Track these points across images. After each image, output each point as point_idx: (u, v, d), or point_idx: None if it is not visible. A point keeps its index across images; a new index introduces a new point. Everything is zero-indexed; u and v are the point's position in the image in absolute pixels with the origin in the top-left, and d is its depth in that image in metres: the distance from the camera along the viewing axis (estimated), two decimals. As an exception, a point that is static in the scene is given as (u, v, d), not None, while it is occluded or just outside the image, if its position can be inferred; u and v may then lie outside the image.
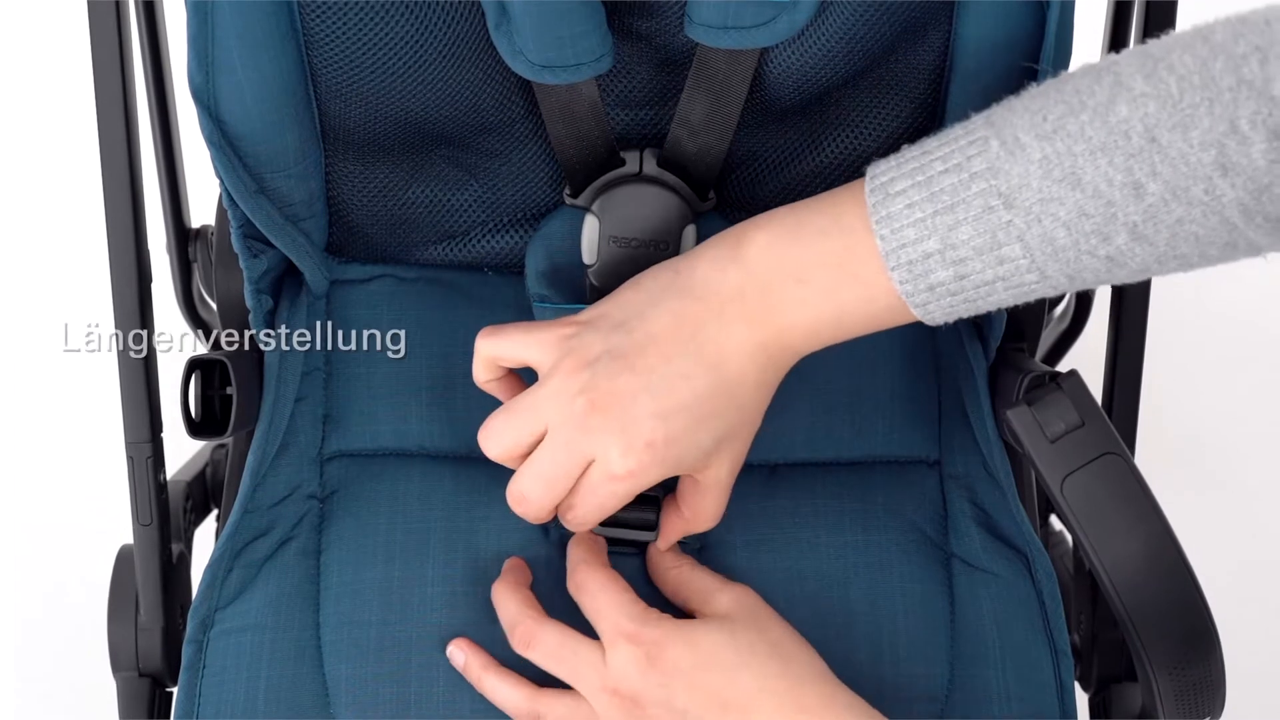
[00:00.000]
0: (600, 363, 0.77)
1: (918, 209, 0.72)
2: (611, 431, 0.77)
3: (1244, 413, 1.64)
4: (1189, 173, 0.68)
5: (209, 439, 0.91)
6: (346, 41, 0.81)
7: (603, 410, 0.77)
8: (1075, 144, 0.69)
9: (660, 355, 0.77)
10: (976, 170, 0.71)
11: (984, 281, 0.73)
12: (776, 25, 0.79)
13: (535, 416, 0.79)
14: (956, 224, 0.72)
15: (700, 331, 0.77)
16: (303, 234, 0.90)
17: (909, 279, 0.73)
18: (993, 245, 0.71)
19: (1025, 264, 0.72)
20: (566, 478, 0.79)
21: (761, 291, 0.76)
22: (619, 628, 0.80)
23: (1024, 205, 0.70)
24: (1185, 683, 0.81)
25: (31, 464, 1.60)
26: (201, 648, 0.87)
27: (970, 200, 0.71)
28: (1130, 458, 0.82)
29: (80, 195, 1.34)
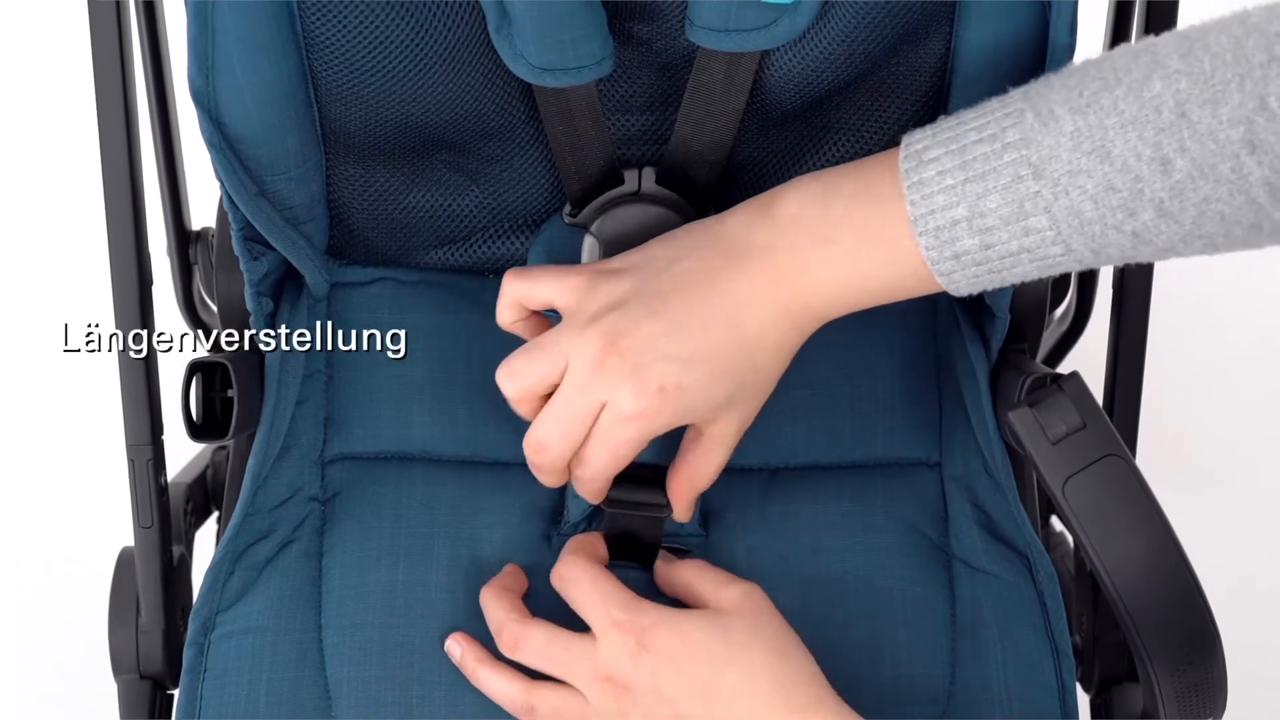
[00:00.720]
0: (624, 307, 0.78)
1: (949, 176, 0.73)
2: (625, 374, 0.77)
3: (1245, 415, 1.64)
4: (1217, 150, 0.68)
5: (210, 441, 0.91)
6: (347, 44, 0.81)
7: (620, 352, 0.77)
8: (1107, 117, 0.70)
9: (683, 303, 0.77)
10: (1010, 140, 0.72)
11: (1009, 252, 0.73)
12: (777, 28, 0.79)
13: (556, 355, 0.79)
14: (985, 192, 0.72)
15: (725, 285, 0.77)
16: (303, 237, 0.90)
17: (935, 245, 0.74)
18: (1019, 215, 0.72)
19: (1051, 235, 0.72)
20: (581, 423, 0.79)
21: (789, 250, 0.77)
22: (609, 616, 0.80)
23: (1052, 176, 0.71)
24: (1187, 684, 0.81)
25: (32, 466, 1.60)
26: (203, 650, 0.87)
27: (1001, 170, 0.72)
28: (1132, 459, 0.82)
29: (81, 197, 1.33)
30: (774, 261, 0.77)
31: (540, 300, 0.82)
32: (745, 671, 0.79)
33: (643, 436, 0.79)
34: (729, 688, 0.78)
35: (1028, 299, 0.92)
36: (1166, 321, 1.13)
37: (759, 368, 0.79)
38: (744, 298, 0.77)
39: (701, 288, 0.77)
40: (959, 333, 0.92)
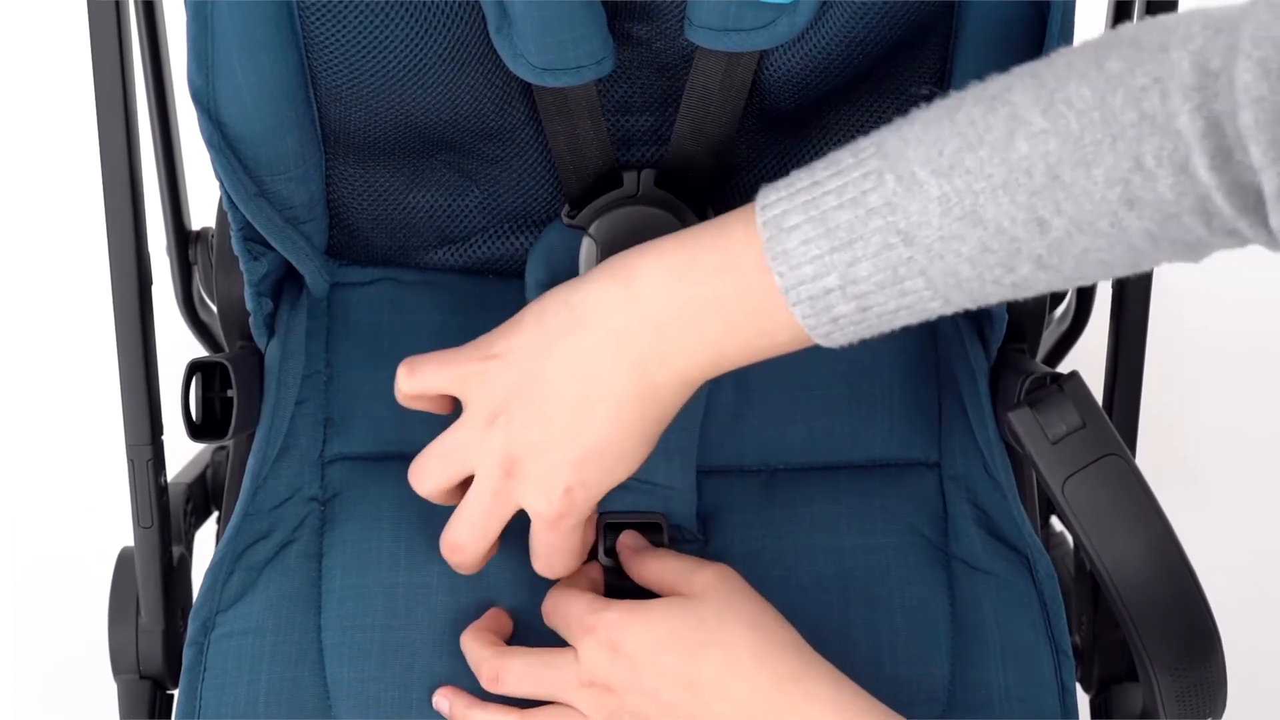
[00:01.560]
0: (513, 413, 0.78)
1: (814, 245, 0.71)
2: (531, 484, 0.78)
3: (1245, 414, 1.64)
4: (1094, 209, 0.66)
5: (210, 441, 0.91)
6: (347, 44, 0.81)
7: (519, 463, 0.78)
8: (975, 181, 0.68)
9: (561, 404, 0.77)
10: (873, 206, 0.70)
11: (887, 311, 0.72)
12: (776, 28, 0.79)
13: (460, 460, 0.80)
14: (855, 260, 0.70)
15: (599, 376, 0.76)
16: (303, 237, 0.90)
17: (811, 314, 0.72)
18: (894, 280, 0.70)
19: (928, 294, 0.71)
20: (498, 522, 0.81)
21: (656, 333, 0.75)
22: (580, 624, 0.81)
23: (924, 242, 0.69)
24: (1187, 683, 0.81)
25: (32, 466, 1.60)
26: (202, 650, 0.87)
27: (868, 237, 0.70)
28: (1131, 459, 0.82)
29: (80, 197, 1.33)
30: (643, 348, 0.76)
31: (435, 390, 0.82)
32: (724, 652, 0.78)
33: (572, 528, 0.80)
34: (709, 671, 0.78)
35: (1027, 299, 0.92)
36: (1166, 321, 1.13)
37: (649, 438, 0.78)
38: (621, 389, 0.76)
39: (577, 382, 0.77)
40: (958, 333, 0.92)
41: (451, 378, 0.81)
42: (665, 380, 0.76)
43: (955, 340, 0.92)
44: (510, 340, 0.80)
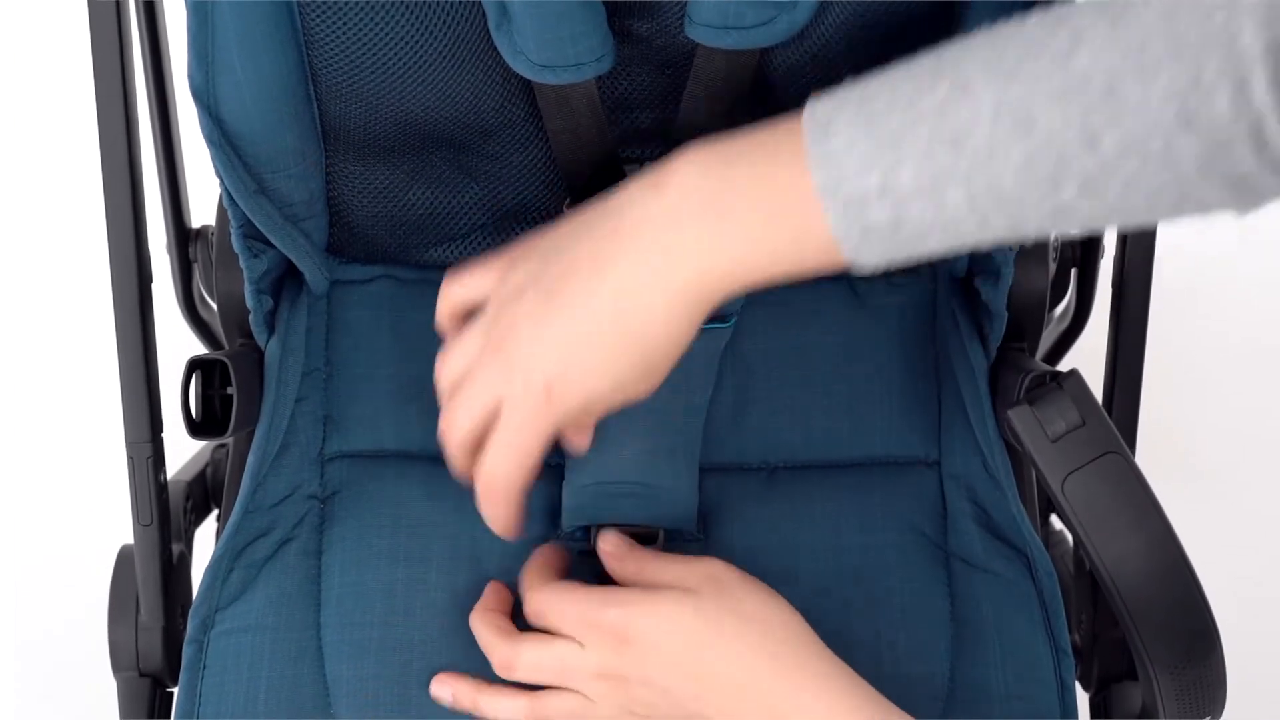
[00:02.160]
0: (519, 298, 0.76)
1: (858, 147, 0.69)
2: (512, 373, 0.75)
3: (1245, 413, 1.64)
4: (1148, 127, 0.65)
5: (209, 439, 0.91)
6: (347, 41, 0.81)
7: (504, 349, 0.75)
8: (1031, 90, 0.66)
9: (567, 294, 0.74)
10: (924, 111, 0.68)
11: (922, 226, 0.69)
12: (776, 26, 0.79)
13: (465, 350, 0.78)
14: (898, 164, 0.68)
15: (612, 270, 0.73)
16: (303, 234, 0.90)
17: (844, 219, 0.69)
18: (935, 188, 0.68)
19: (966, 209, 0.68)
20: (480, 414, 0.77)
21: (680, 227, 0.72)
22: (583, 619, 0.80)
23: (971, 149, 0.67)
24: (1186, 682, 0.81)
25: (31, 464, 1.60)
26: (202, 648, 0.87)
27: (915, 142, 0.68)
28: (1131, 457, 0.82)
29: (80, 195, 1.33)
30: (663, 242, 0.72)
31: (477, 298, 0.81)
32: (730, 648, 0.78)
33: (544, 436, 0.77)
34: (715, 663, 0.78)
35: (1027, 297, 0.92)
36: (1166, 319, 1.13)
37: (647, 354, 0.75)
38: (630, 284, 0.73)
39: (591, 275, 0.73)
40: (958, 331, 0.92)
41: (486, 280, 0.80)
42: (682, 283, 0.73)
43: (955, 338, 0.92)
44: (543, 238, 0.78)
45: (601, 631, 0.80)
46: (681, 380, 0.86)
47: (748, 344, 0.93)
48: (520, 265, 0.77)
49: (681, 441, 0.88)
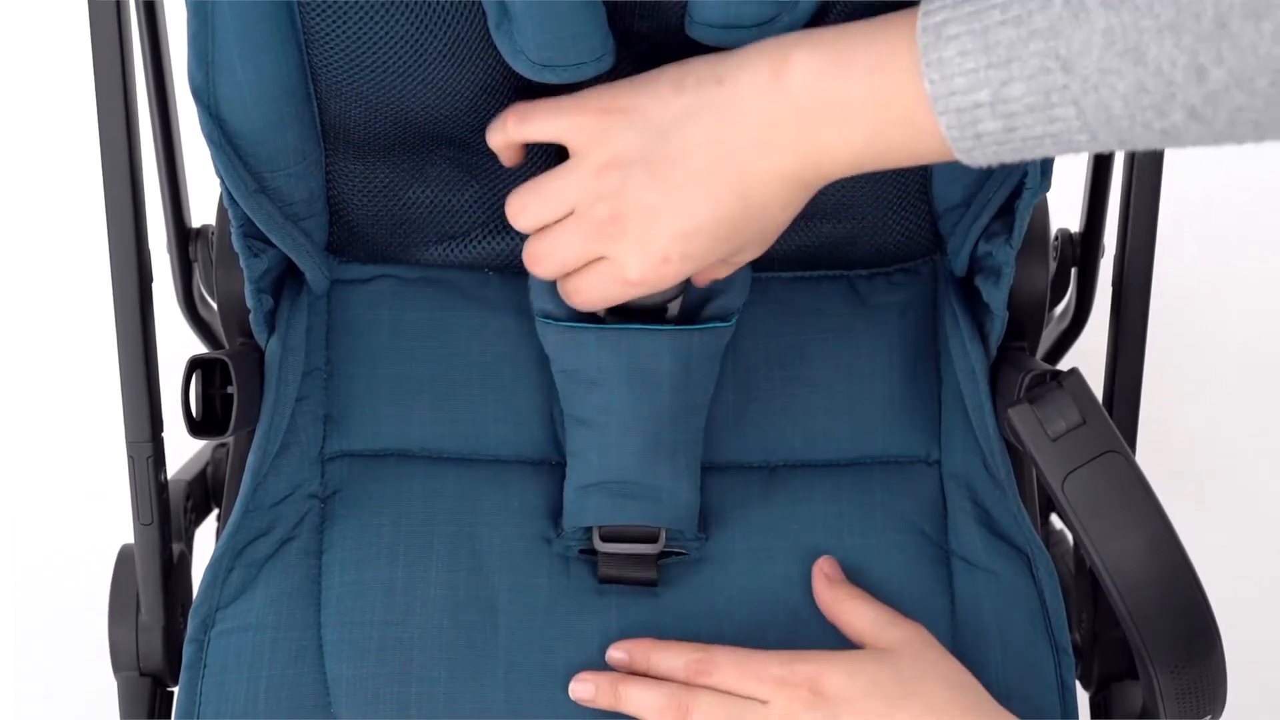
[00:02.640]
0: (632, 169, 0.78)
1: (971, 59, 0.71)
2: (630, 243, 0.78)
3: (1245, 412, 1.64)
4: (1257, 64, 0.66)
5: (210, 438, 0.91)
6: (347, 40, 0.81)
7: (624, 221, 0.78)
8: (1143, 18, 0.67)
9: (689, 174, 0.77)
10: (1037, 28, 0.69)
11: (1033, 136, 0.71)
12: (777, 24, 0.79)
13: (563, 202, 0.80)
14: (1010, 80, 0.70)
15: (735, 157, 0.76)
16: (303, 233, 0.90)
17: (956, 125, 0.72)
18: (1045, 105, 0.70)
19: (1077, 125, 0.70)
20: (579, 261, 0.81)
21: (803, 125, 0.75)
22: (770, 676, 0.81)
23: (1082, 72, 0.69)
24: (1186, 681, 0.81)
25: (32, 464, 1.60)
26: (202, 647, 0.87)
27: (1027, 59, 0.69)
28: (1131, 456, 0.82)
29: (80, 195, 1.34)
30: (787, 137, 0.75)
31: (547, 138, 0.82)
32: (923, 705, 0.79)
33: (638, 294, 0.81)
34: (905, 717, 0.79)
35: (1027, 296, 0.92)
36: (1166, 318, 1.13)
37: (765, 226, 0.79)
38: (754, 173, 0.76)
39: (710, 160, 0.76)
40: (958, 330, 0.92)
41: (565, 126, 0.81)
42: (801, 170, 0.76)
43: (955, 337, 0.92)
44: (639, 98, 0.79)
45: (792, 686, 0.80)
46: (683, 380, 0.86)
47: (748, 343, 0.93)
48: (621, 126, 0.79)
49: (683, 441, 0.88)
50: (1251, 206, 1.70)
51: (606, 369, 0.86)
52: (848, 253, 0.94)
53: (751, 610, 0.88)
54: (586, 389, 0.87)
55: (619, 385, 0.86)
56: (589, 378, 0.87)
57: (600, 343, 0.86)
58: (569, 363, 0.87)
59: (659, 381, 0.86)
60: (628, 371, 0.86)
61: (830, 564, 0.88)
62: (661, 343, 0.85)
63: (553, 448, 0.92)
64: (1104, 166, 0.97)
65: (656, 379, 0.86)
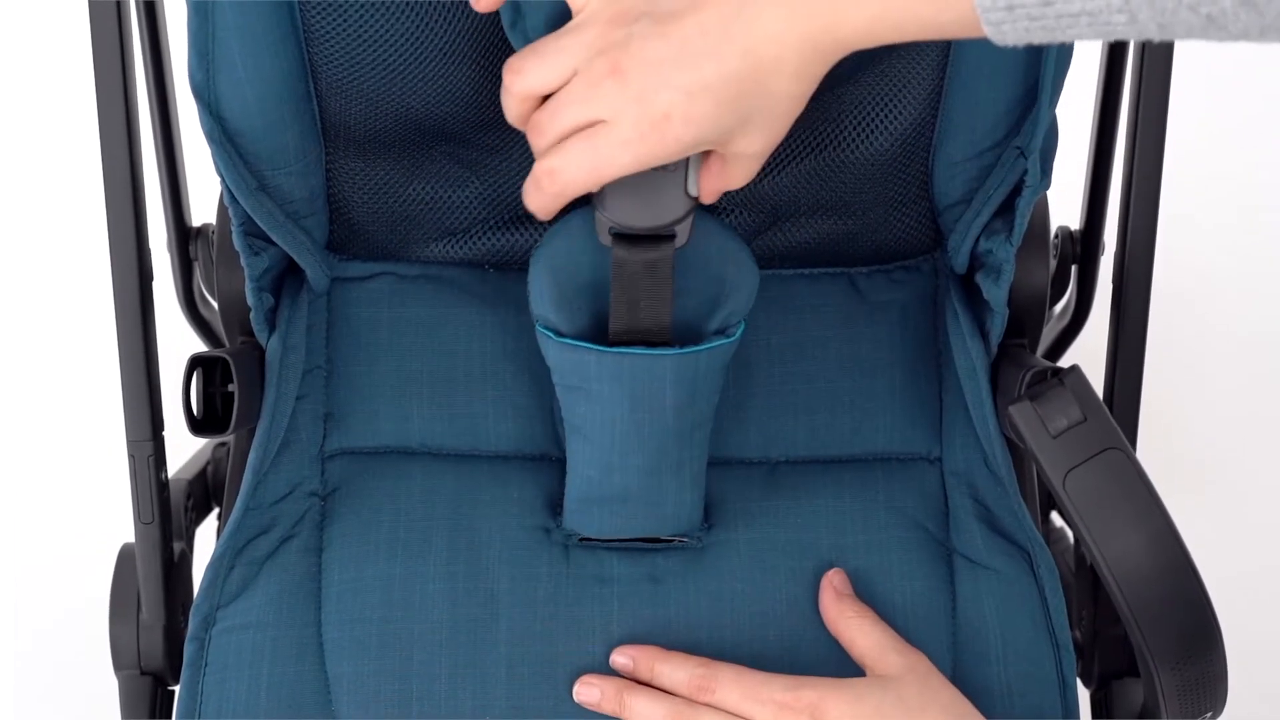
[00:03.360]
0: (638, 23, 0.73)
1: None
2: (628, 98, 0.73)
3: (1246, 409, 1.64)
4: None
5: (210, 437, 0.91)
6: (347, 38, 0.81)
7: (626, 73, 0.73)
8: None
9: (698, 27, 0.72)
10: None
11: (1069, 12, 0.67)
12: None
13: (563, 62, 0.74)
14: None
15: (745, 11, 0.71)
16: (304, 231, 0.90)
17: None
18: None
19: (1117, 2, 0.66)
20: (572, 128, 0.75)
21: None
22: (772, 700, 0.80)
23: None
24: (1187, 679, 0.81)
25: (32, 463, 1.60)
26: (203, 645, 0.87)
27: None
28: (1133, 453, 0.82)
29: (80, 194, 1.34)
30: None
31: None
32: None
33: (636, 164, 0.75)
34: None
35: (1028, 293, 0.92)
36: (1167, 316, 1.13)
37: (775, 94, 0.73)
38: (764, 28, 0.71)
39: (721, 14, 0.71)
40: (959, 327, 0.92)
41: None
42: (815, 33, 0.71)
43: (956, 335, 0.92)
44: None
45: (795, 711, 0.80)
46: (688, 402, 0.85)
47: (749, 339, 0.93)
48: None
49: (688, 458, 0.87)
50: (1252, 203, 1.70)
51: (609, 392, 0.84)
52: (848, 249, 0.94)
53: (753, 602, 0.88)
54: (588, 405, 0.85)
55: (621, 407, 0.85)
56: (591, 394, 0.85)
57: (601, 365, 0.84)
58: (569, 378, 0.86)
59: (663, 406, 0.85)
60: (629, 396, 0.84)
61: (840, 577, 0.88)
62: (665, 368, 0.83)
63: (552, 443, 0.92)
64: (1104, 164, 0.97)
65: (660, 404, 0.84)
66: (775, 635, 0.87)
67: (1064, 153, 0.86)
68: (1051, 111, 0.82)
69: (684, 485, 0.88)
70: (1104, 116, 0.95)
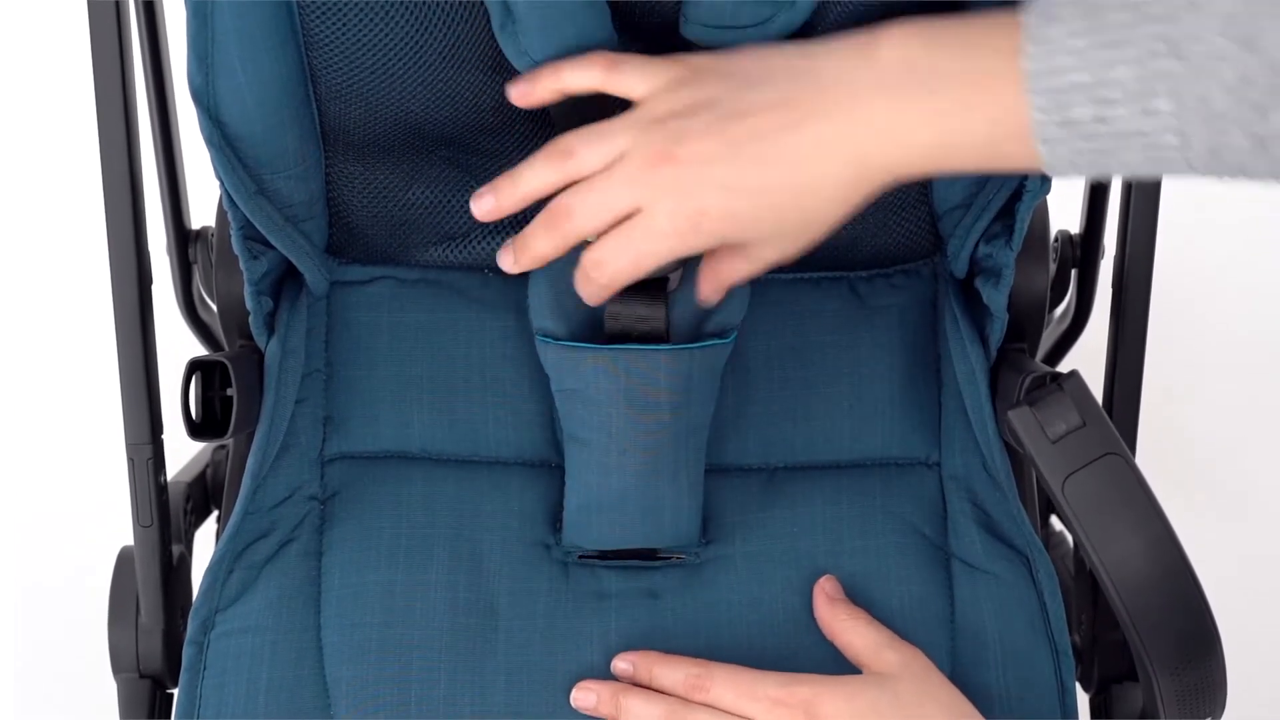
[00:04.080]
0: (694, 115, 0.75)
1: (1079, 38, 0.68)
2: (670, 188, 0.74)
3: (1245, 414, 1.64)
4: None
5: (209, 440, 0.91)
6: (346, 42, 0.81)
7: (675, 161, 0.74)
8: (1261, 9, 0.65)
9: (752, 131, 0.73)
10: (1151, 13, 0.67)
11: (1123, 132, 0.68)
12: (773, 24, 0.79)
13: (612, 147, 0.76)
14: (1114, 62, 0.67)
15: (802, 123, 0.73)
16: (303, 235, 0.90)
17: (1047, 107, 0.69)
18: (1146, 93, 0.67)
19: (1173, 122, 0.67)
20: (610, 215, 0.77)
21: (886, 96, 0.72)
22: (767, 696, 0.80)
23: (1190, 57, 0.66)
24: (1186, 683, 0.81)
25: (32, 465, 1.60)
26: (202, 649, 0.87)
27: (1136, 41, 0.67)
28: (1131, 458, 0.82)
29: (80, 196, 1.33)
30: (866, 106, 0.72)
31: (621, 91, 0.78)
32: None
33: (671, 255, 0.77)
34: None
35: (1027, 298, 0.92)
36: (1166, 321, 1.13)
37: (809, 211, 0.75)
38: (817, 138, 0.73)
39: (776, 119, 0.73)
40: (958, 332, 0.92)
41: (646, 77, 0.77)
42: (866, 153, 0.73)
43: (955, 339, 0.92)
44: (718, 59, 0.77)
45: (788, 708, 0.79)
46: (683, 400, 0.86)
47: (748, 344, 0.93)
48: (697, 83, 0.76)
49: (684, 461, 0.88)
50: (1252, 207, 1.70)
51: (605, 390, 0.86)
52: (848, 254, 0.94)
53: (751, 613, 0.88)
54: (586, 409, 0.87)
55: (618, 406, 0.86)
56: (588, 397, 0.86)
57: (597, 363, 0.85)
58: (568, 382, 0.87)
59: (658, 402, 0.86)
60: (626, 393, 0.85)
61: (832, 583, 0.88)
62: (660, 363, 0.85)
63: (553, 450, 0.92)
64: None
65: (656, 400, 0.85)
66: (773, 644, 0.87)
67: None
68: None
69: (681, 492, 0.88)
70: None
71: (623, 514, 0.87)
